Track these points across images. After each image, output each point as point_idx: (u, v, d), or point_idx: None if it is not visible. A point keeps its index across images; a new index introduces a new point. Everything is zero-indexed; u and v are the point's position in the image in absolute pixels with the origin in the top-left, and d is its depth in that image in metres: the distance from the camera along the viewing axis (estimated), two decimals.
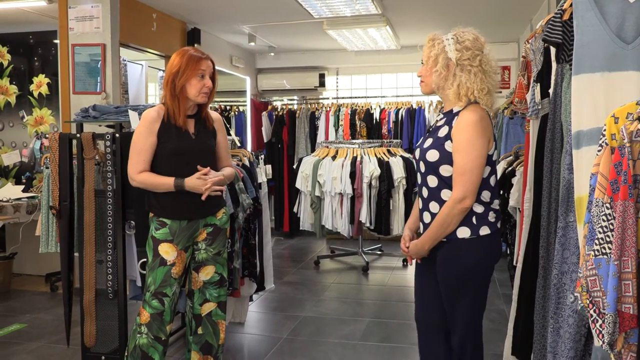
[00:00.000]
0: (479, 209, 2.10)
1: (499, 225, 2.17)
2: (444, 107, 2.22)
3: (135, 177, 2.56)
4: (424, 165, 2.16)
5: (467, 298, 2.14)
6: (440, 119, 2.20)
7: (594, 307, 1.41)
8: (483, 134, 2.04)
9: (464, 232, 2.09)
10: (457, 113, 2.10)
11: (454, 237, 2.10)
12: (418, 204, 2.28)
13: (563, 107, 2.04)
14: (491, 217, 2.13)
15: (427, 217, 2.18)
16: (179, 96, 2.56)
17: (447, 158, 2.08)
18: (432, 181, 2.14)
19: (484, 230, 2.10)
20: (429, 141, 2.17)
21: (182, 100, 2.57)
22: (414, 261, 2.31)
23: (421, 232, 2.24)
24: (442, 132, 2.12)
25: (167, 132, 2.56)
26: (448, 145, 2.08)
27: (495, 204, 2.16)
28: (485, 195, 2.11)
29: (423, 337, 2.33)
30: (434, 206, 2.14)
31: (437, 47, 2.10)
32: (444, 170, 2.10)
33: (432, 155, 2.12)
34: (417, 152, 2.22)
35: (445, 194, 2.11)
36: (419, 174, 2.22)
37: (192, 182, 2.52)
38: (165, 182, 2.54)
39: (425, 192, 2.18)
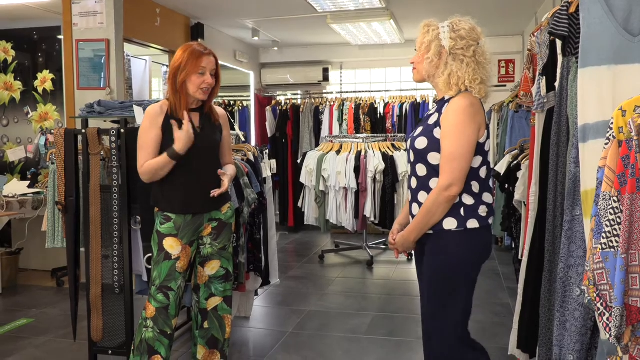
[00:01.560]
0: (469, 200, 2.01)
1: (490, 220, 2.07)
2: (436, 96, 2.17)
3: (141, 170, 2.57)
4: (413, 154, 2.09)
5: (450, 296, 2.03)
6: (432, 108, 2.15)
7: (601, 301, 1.41)
8: (473, 120, 1.97)
9: (450, 224, 2.01)
10: (448, 100, 2.04)
11: (440, 228, 2.02)
12: (408, 196, 2.19)
13: (569, 100, 2.03)
14: (482, 211, 2.03)
15: (415, 208, 2.10)
16: (180, 91, 2.56)
17: (435, 145, 2.01)
18: (421, 170, 2.06)
19: (472, 224, 2.01)
20: (419, 129, 2.10)
21: (183, 96, 2.57)
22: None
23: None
24: (432, 120, 2.06)
25: (171, 126, 2.56)
26: (437, 132, 2.01)
27: (487, 198, 2.06)
28: (475, 186, 2.02)
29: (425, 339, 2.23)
30: (422, 196, 2.06)
31: (432, 34, 2.04)
32: (433, 158, 2.02)
33: (421, 143, 2.04)
34: (408, 142, 2.15)
35: (433, 183, 2.02)
36: (409, 165, 2.14)
37: (179, 134, 2.47)
38: (161, 159, 2.51)
39: (414, 182, 2.11)
